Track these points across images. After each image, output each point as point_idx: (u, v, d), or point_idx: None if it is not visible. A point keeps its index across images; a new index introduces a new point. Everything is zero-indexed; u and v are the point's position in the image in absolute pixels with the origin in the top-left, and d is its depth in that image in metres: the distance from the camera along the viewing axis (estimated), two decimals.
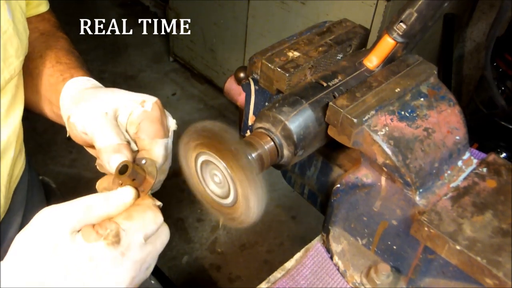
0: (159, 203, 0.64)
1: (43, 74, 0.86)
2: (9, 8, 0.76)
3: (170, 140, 0.74)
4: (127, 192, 0.62)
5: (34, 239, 0.56)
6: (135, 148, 0.72)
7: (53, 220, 0.57)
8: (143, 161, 0.68)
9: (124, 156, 0.67)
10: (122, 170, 0.63)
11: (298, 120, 0.67)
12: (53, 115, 0.87)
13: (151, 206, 0.62)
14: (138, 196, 0.64)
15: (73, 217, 0.57)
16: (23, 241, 0.56)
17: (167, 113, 0.76)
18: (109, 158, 0.67)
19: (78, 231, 0.57)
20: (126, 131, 0.72)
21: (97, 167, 0.76)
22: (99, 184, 0.72)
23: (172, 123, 0.76)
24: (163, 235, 0.63)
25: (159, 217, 0.62)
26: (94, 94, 0.74)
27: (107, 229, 0.57)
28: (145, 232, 0.60)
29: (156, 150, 0.70)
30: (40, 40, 0.92)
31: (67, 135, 0.77)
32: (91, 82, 0.81)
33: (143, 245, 0.59)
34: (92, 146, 0.74)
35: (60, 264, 0.55)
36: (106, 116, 0.70)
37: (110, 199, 0.60)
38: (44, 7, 0.99)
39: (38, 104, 0.88)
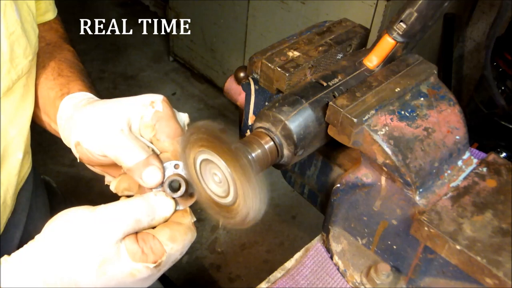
0: (194, 219, 0.67)
1: (44, 86, 0.84)
2: (17, 8, 0.75)
3: None
4: (170, 207, 0.64)
5: (79, 245, 0.59)
6: (157, 151, 0.70)
7: (101, 229, 0.59)
8: (174, 165, 0.67)
9: (156, 168, 0.65)
10: (174, 186, 0.65)
11: (298, 120, 0.67)
12: (50, 129, 0.85)
13: (191, 227, 0.65)
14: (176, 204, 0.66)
15: (122, 230, 0.60)
16: (63, 240, 0.59)
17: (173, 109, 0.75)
18: (141, 174, 0.65)
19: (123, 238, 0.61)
20: (141, 135, 0.70)
21: (110, 186, 0.74)
22: (118, 185, 0.72)
23: (184, 117, 0.75)
24: (187, 247, 0.67)
25: (194, 237, 0.65)
26: (98, 111, 0.71)
27: (152, 250, 0.61)
28: (182, 251, 0.64)
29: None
30: (45, 50, 0.90)
31: (78, 160, 0.74)
32: (88, 96, 0.79)
33: (176, 260, 0.64)
34: (106, 166, 0.74)
35: (103, 278, 0.59)
36: (123, 133, 0.67)
37: (156, 214, 0.63)
38: (51, 15, 0.98)
39: (37, 115, 0.86)
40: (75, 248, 0.59)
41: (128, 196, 0.70)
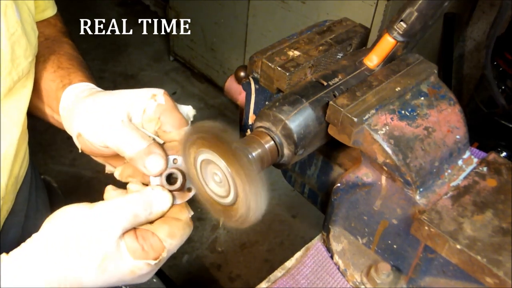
0: (192, 213, 0.68)
1: (45, 78, 0.85)
2: (17, 9, 0.75)
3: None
4: (167, 201, 0.65)
5: (80, 242, 0.59)
6: (159, 141, 0.71)
7: (101, 227, 0.60)
8: (173, 160, 0.68)
9: (158, 156, 0.66)
10: (172, 179, 0.65)
11: (299, 119, 0.67)
12: (53, 121, 0.86)
13: (188, 222, 0.66)
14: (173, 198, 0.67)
15: (120, 225, 0.60)
16: (63, 238, 0.59)
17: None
18: (144, 162, 0.66)
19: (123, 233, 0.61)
20: (143, 128, 0.71)
21: (114, 173, 0.74)
22: (122, 172, 0.72)
23: (187, 109, 0.75)
24: (184, 241, 0.68)
25: (191, 230, 0.66)
26: (98, 103, 0.72)
27: (152, 247, 0.62)
28: (179, 246, 0.65)
29: None
30: (45, 45, 0.90)
31: (80, 151, 0.75)
32: (89, 87, 0.80)
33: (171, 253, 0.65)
34: (108, 156, 0.75)
35: (104, 275, 0.60)
36: (124, 123, 0.68)
37: (153, 208, 0.64)
38: (50, 12, 0.98)
39: (40, 108, 0.87)
40: (76, 246, 0.59)
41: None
